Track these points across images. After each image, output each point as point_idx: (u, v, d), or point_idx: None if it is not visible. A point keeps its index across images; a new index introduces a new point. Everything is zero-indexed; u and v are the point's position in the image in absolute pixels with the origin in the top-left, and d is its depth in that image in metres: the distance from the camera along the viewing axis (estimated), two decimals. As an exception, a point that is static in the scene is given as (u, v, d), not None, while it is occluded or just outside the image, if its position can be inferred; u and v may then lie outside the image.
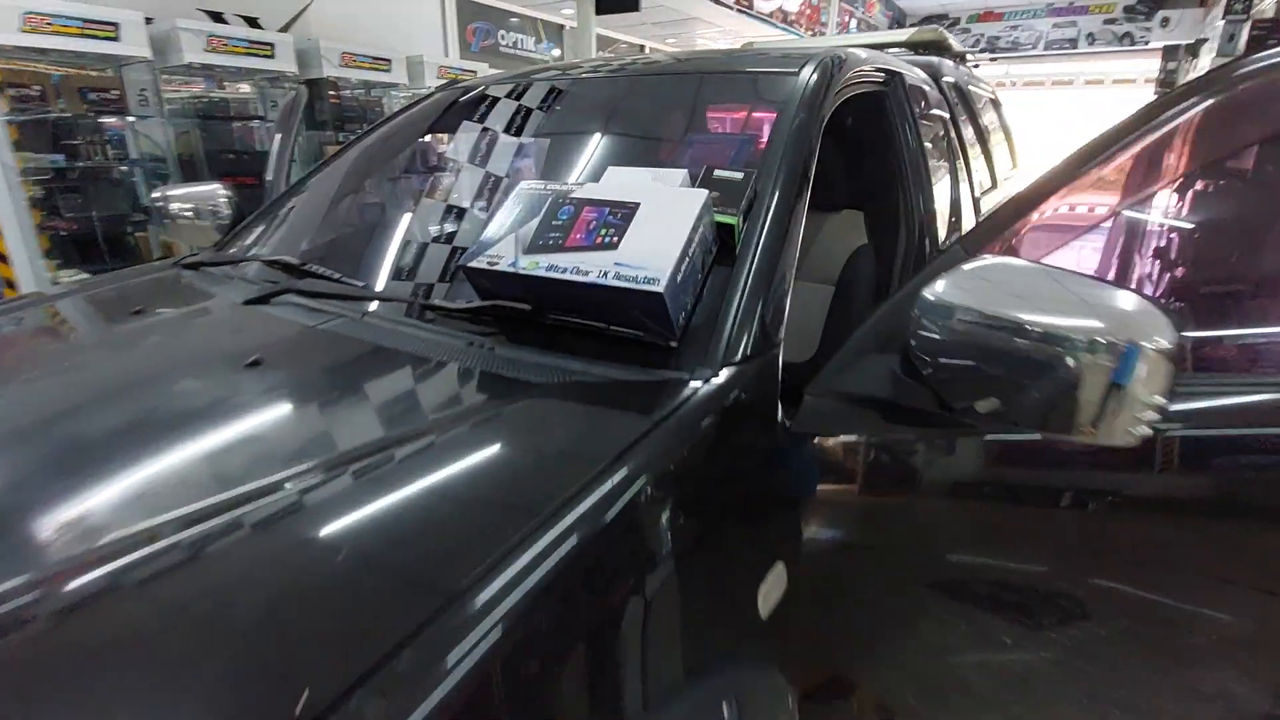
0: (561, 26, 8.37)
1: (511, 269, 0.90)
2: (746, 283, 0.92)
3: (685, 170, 1.03)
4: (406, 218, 1.43)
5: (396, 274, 1.21)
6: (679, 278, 0.85)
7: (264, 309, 1.15)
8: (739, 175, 1.01)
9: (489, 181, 1.33)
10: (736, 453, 0.86)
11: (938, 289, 0.79)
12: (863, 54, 1.54)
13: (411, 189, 1.60)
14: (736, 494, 0.85)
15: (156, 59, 4.09)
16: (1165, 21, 7.42)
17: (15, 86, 3.75)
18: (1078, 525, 1.01)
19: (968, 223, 2.11)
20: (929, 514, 1.03)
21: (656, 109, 1.45)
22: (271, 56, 4.46)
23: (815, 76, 1.27)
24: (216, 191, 1.99)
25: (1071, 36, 9.66)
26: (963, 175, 2.19)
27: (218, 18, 4.56)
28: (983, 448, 0.97)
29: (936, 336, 0.79)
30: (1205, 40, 4.73)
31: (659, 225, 0.88)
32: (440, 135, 1.69)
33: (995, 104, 3.26)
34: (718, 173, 1.02)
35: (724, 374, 0.85)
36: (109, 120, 4.15)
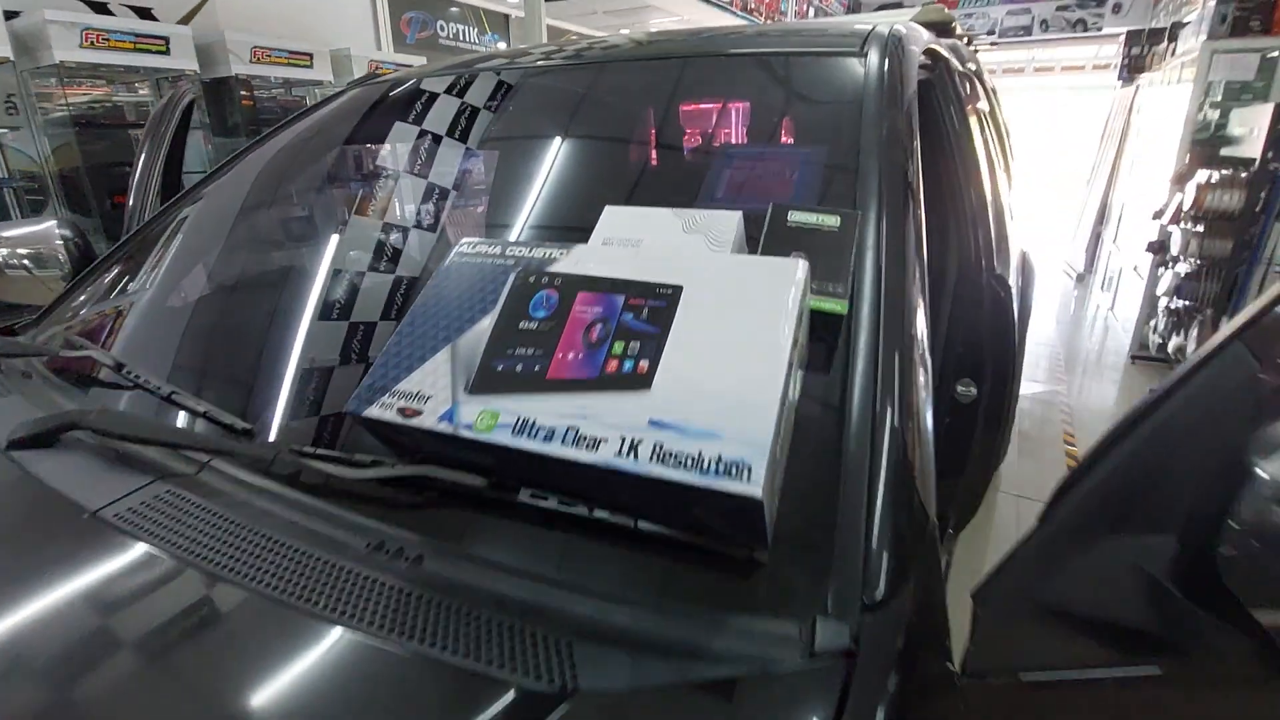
0: (507, 17, 7.84)
1: (446, 429, 0.47)
2: (887, 420, 0.52)
3: (736, 213, 0.62)
4: (299, 286, 0.97)
5: (269, 392, 0.75)
6: (779, 448, 0.43)
7: (39, 458, 0.69)
8: (833, 219, 0.60)
9: (414, 235, 0.88)
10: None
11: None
12: (923, 32, 1.16)
13: (304, 239, 1.13)
14: None
15: (21, 59, 3.44)
16: (1117, 8, 7.49)
17: None
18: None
19: (1013, 236, 1.77)
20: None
21: (666, 110, 1.01)
22: (166, 52, 3.83)
23: (886, 59, 0.87)
24: (51, 231, 1.48)
25: (1025, 24, 9.69)
26: (1002, 178, 1.85)
27: (101, 8, 3.90)
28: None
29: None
30: (1184, 24, 4.55)
31: (724, 333, 0.47)
32: (352, 153, 1.22)
33: (996, 95, 2.96)
34: (795, 215, 0.60)
35: (870, 622, 0.44)
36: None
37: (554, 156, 0.93)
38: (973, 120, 1.59)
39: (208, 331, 0.94)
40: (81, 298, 1.19)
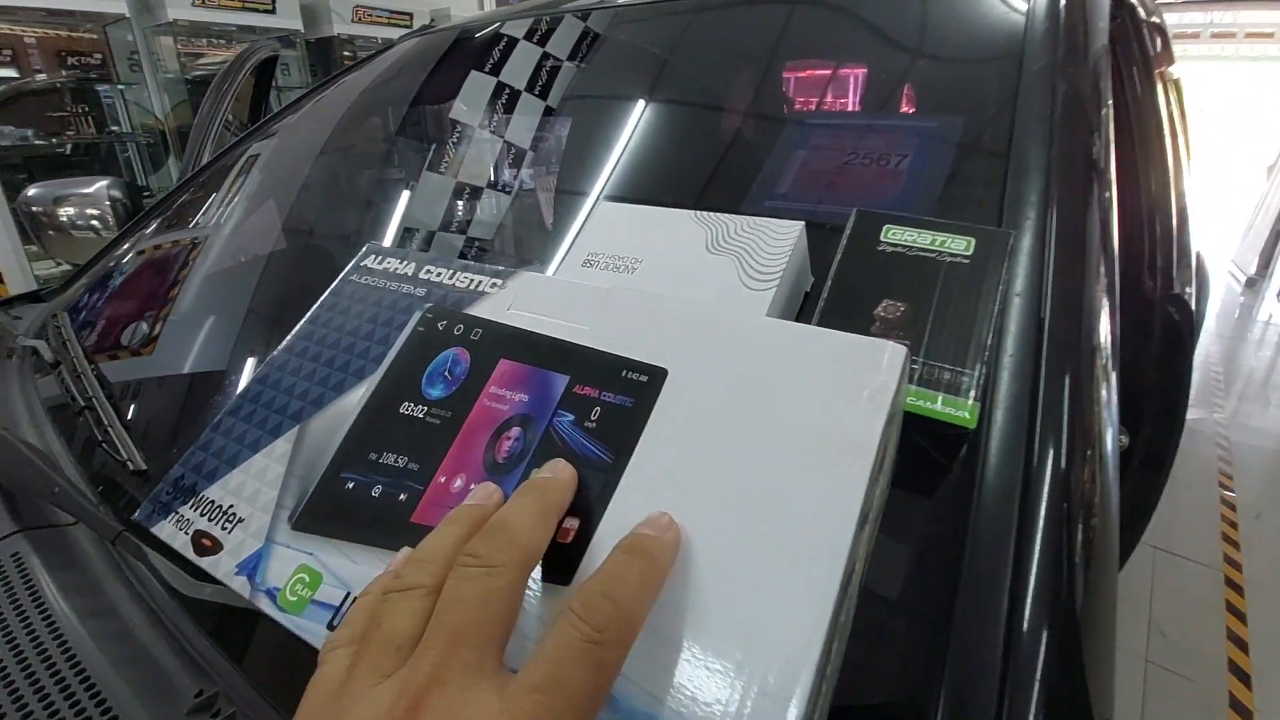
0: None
1: (243, 588, 0.28)
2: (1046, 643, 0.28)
3: (794, 225, 0.38)
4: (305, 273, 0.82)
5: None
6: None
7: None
8: (963, 240, 0.35)
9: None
10: None
11: None
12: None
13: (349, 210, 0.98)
14: None
15: (142, 17, 3.59)
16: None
17: (-16, 50, 3.32)
18: None
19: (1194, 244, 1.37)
20: None
21: (754, 62, 0.76)
22: (272, 11, 3.89)
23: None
24: (101, 192, 1.43)
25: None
26: (1185, 169, 1.44)
27: (216, -31, 4.00)
28: None
29: None
30: None
31: (722, 481, 0.24)
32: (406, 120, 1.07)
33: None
34: (894, 231, 0.36)
35: None
36: (99, 88, 3.70)
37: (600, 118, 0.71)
38: (1159, 90, 1.21)
39: (202, 312, 0.81)
40: (94, 267, 1.11)
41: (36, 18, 3.33)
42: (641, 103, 0.74)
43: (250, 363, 0.66)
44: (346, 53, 4.54)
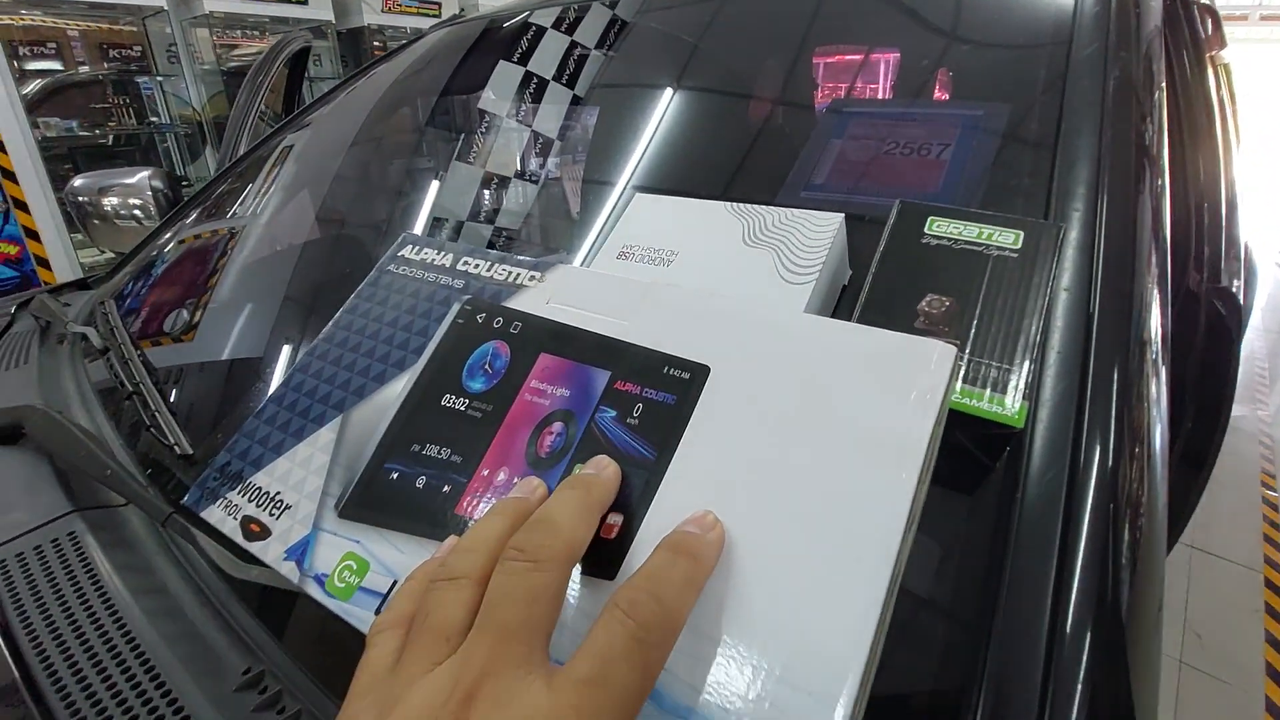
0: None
1: (292, 573, 0.29)
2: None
3: (834, 218, 0.38)
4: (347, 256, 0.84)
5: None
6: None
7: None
8: (1011, 234, 0.34)
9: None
10: None
11: None
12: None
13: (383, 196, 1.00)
14: None
15: (179, 9, 3.66)
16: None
17: (30, 45, 3.42)
18: None
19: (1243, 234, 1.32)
20: None
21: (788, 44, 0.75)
22: (304, 2, 3.94)
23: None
24: (144, 182, 1.47)
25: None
26: (1236, 157, 1.38)
27: (250, -40, 4.06)
28: None
29: None
30: None
31: (769, 479, 0.24)
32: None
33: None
34: (939, 223, 0.35)
35: None
36: (139, 79, 3.79)
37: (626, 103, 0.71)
38: (1209, 75, 1.16)
39: (246, 297, 0.83)
40: (138, 256, 1.14)
41: (79, 11, 3.42)
42: (669, 90, 0.74)
43: (288, 350, 0.68)
44: (376, 43, 4.58)
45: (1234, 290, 1.12)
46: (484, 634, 0.20)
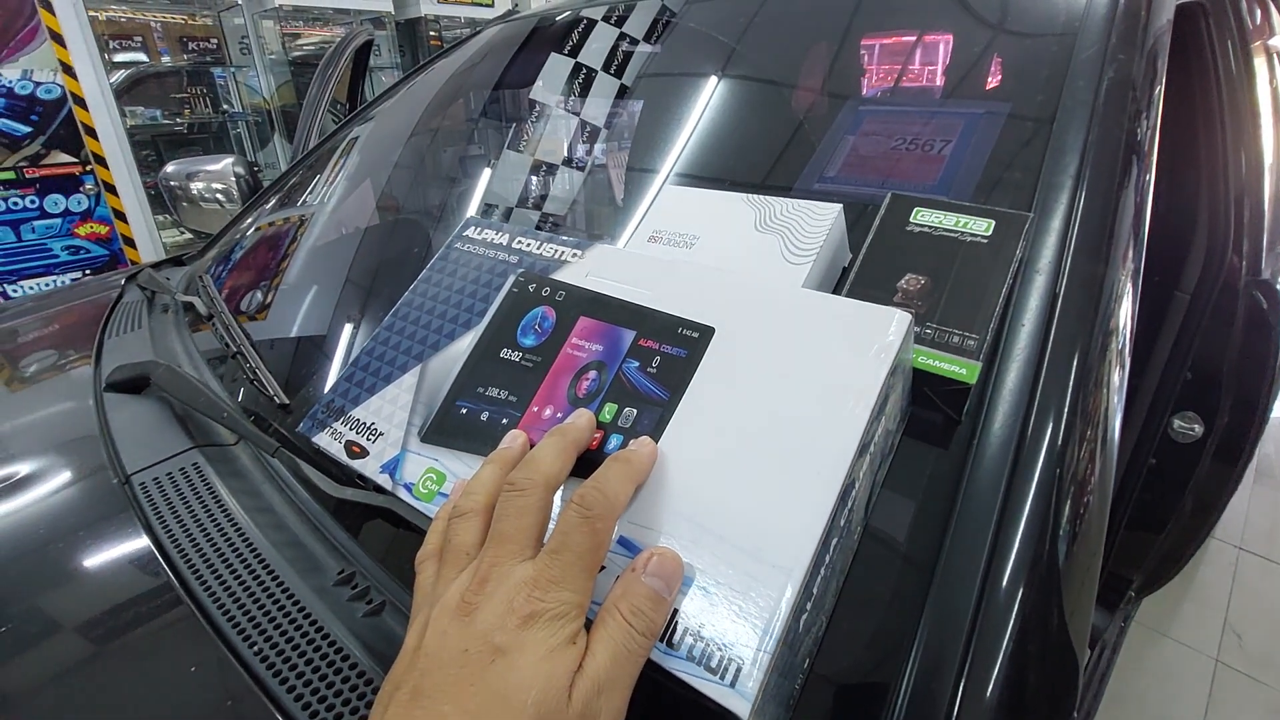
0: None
1: (386, 483, 0.37)
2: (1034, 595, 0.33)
3: (833, 207, 0.44)
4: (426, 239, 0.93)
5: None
6: (807, 628, 0.28)
7: (125, 404, 0.71)
8: (983, 222, 0.39)
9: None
10: None
11: None
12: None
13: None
14: None
15: (249, 2, 3.86)
16: None
17: (119, 38, 3.67)
18: None
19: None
20: None
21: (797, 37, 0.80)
22: (365, -6, 4.09)
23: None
24: (228, 168, 1.61)
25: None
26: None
27: (315, -46, 4.23)
28: None
29: None
30: None
31: (750, 421, 0.31)
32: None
33: None
34: (923, 213, 0.41)
35: None
36: (213, 70, 4.03)
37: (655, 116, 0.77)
38: (1259, 62, 1.14)
39: (326, 275, 0.94)
40: (224, 238, 1.27)
41: (160, 4, 3.65)
42: (710, 84, 0.80)
43: (366, 319, 0.77)
44: (432, 33, 4.72)
45: (1276, 283, 1.11)
46: (491, 544, 0.29)
